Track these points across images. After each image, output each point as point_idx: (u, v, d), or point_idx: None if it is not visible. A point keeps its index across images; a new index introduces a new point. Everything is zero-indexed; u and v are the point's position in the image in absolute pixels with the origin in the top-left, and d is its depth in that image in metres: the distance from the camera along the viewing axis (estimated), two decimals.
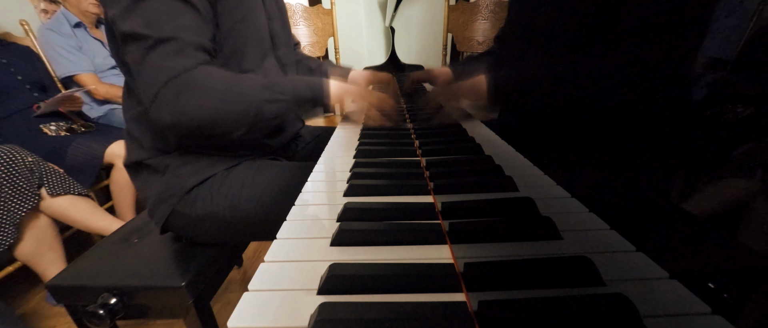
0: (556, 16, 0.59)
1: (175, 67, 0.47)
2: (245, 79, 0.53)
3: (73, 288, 0.59)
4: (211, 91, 0.49)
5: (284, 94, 0.56)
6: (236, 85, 0.51)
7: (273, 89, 0.55)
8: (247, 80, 0.53)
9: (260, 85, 0.54)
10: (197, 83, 0.48)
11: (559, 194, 0.39)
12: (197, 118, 0.49)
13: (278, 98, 0.55)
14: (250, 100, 0.52)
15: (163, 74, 0.47)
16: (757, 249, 0.57)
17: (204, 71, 0.49)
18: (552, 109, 0.63)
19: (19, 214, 0.94)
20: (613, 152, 0.62)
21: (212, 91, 0.49)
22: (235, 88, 0.51)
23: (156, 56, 0.47)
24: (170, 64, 0.47)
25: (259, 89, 0.53)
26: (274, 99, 0.54)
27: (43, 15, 1.58)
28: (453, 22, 1.91)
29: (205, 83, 0.49)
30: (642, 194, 0.61)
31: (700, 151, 1.23)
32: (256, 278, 0.27)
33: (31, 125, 1.26)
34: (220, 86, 0.50)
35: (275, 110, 0.55)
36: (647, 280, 0.25)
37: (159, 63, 0.47)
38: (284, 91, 0.56)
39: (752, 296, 0.54)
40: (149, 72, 0.47)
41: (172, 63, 0.47)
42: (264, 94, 0.53)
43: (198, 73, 0.48)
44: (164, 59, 0.47)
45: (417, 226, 0.32)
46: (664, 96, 0.50)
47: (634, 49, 0.50)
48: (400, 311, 0.23)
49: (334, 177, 0.47)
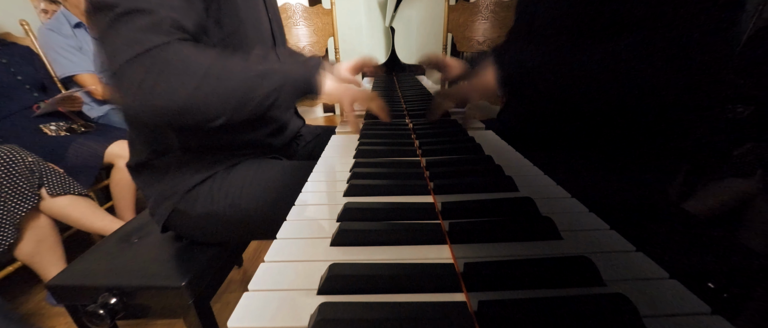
0: (557, 10, 0.59)
1: (144, 41, 0.40)
2: (229, 55, 0.46)
3: (73, 288, 0.59)
4: (188, 67, 0.42)
5: (280, 65, 0.49)
6: (220, 61, 0.44)
7: (264, 59, 0.49)
8: (231, 57, 0.46)
9: (250, 58, 0.48)
10: (170, 61, 0.41)
11: (559, 194, 0.39)
12: (167, 102, 0.41)
13: (273, 71, 0.48)
14: (240, 74, 0.45)
15: (130, 49, 0.39)
16: (757, 249, 0.57)
17: (179, 47, 0.42)
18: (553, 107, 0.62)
19: (19, 214, 0.94)
20: (613, 152, 0.62)
21: (189, 68, 0.42)
22: (219, 64, 0.44)
23: (124, 27, 0.40)
24: (140, 38, 0.40)
25: (247, 63, 0.47)
26: (268, 71, 0.47)
27: (43, 15, 1.59)
28: (453, 22, 1.91)
29: (180, 61, 0.41)
30: (642, 194, 0.61)
31: (700, 151, 1.23)
32: (256, 278, 0.27)
33: (31, 125, 1.26)
34: (202, 61, 0.43)
35: (269, 85, 0.47)
36: (647, 280, 0.25)
37: (126, 35, 0.39)
38: (275, 64, 0.49)
39: (752, 296, 0.54)
40: (113, 45, 0.40)
41: (142, 37, 0.40)
42: (256, 66, 0.47)
43: (173, 49, 0.41)
44: (133, 32, 0.40)
45: (417, 226, 0.32)
46: (664, 96, 0.49)
47: (635, 49, 0.50)
48: (400, 311, 0.23)
49: (334, 177, 0.47)
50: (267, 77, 0.47)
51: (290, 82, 0.50)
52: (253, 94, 0.46)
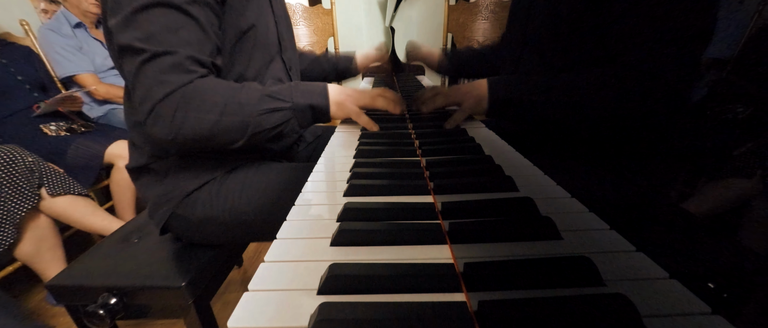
0: (554, 16, 0.59)
1: (171, 82, 0.46)
2: (243, 89, 0.52)
3: (73, 288, 0.59)
4: (209, 104, 0.48)
5: (284, 101, 0.54)
6: (234, 97, 0.50)
7: (272, 97, 0.54)
8: (245, 91, 0.52)
9: (259, 95, 0.53)
10: (194, 97, 0.47)
11: (559, 194, 0.39)
12: (195, 132, 0.48)
13: (278, 107, 0.54)
14: (248, 112, 0.51)
15: (160, 89, 0.46)
16: (757, 249, 0.57)
17: (201, 84, 0.48)
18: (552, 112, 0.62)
19: (19, 214, 0.94)
20: (613, 152, 0.62)
21: (210, 105, 0.48)
22: (233, 100, 0.50)
23: (152, 70, 0.46)
24: (167, 79, 0.46)
25: (258, 100, 0.52)
26: (273, 108, 0.53)
27: (43, 15, 1.58)
28: (453, 22, 1.91)
29: (203, 97, 0.48)
30: (642, 194, 0.61)
31: (700, 151, 1.23)
32: (256, 278, 0.27)
33: (31, 125, 1.26)
34: (219, 99, 0.49)
35: (275, 120, 0.54)
36: (647, 280, 0.25)
37: (155, 77, 0.46)
38: (284, 99, 0.55)
39: (752, 296, 0.54)
40: (145, 86, 0.46)
41: (168, 78, 0.46)
42: (263, 105, 0.52)
43: (195, 87, 0.47)
44: (160, 74, 0.46)
45: (417, 226, 0.32)
46: (664, 96, 0.49)
47: (635, 49, 0.50)
48: (400, 311, 0.23)
49: (334, 177, 0.47)
50: (274, 113, 0.53)
51: (298, 114, 0.56)
52: (262, 127, 0.53)
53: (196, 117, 0.48)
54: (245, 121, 0.51)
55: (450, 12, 1.90)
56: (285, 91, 0.55)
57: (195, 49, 0.48)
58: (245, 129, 0.51)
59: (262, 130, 0.53)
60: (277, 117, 0.54)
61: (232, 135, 0.51)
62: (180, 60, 0.46)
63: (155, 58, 0.45)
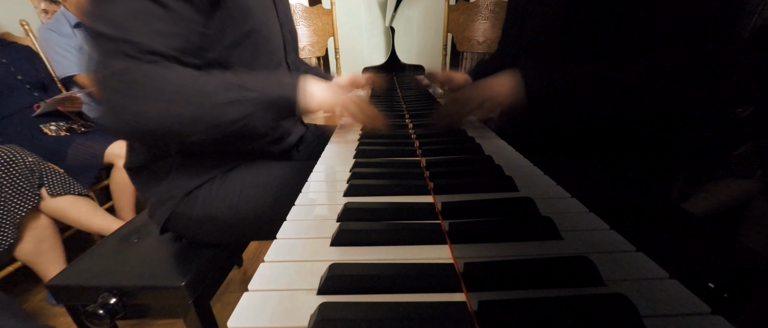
0: (554, 17, 0.59)
1: (108, 65, 0.42)
2: (205, 77, 0.47)
3: (73, 288, 0.59)
4: (156, 91, 0.43)
5: (251, 92, 0.49)
6: (191, 85, 0.46)
7: (239, 86, 0.48)
8: (206, 78, 0.47)
9: (223, 84, 0.48)
10: (136, 81, 0.43)
11: (559, 194, 0.39)
12: (138, 120, 0.43)
13: (242, 97, 0.48)
14: (205, 102, 0.46)
15: (100, 69, 0.42)
16: (757, 249, 0.57)
17: (147, 69, 0.44)
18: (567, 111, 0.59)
19: (19, 214, 0.94)
20: (613, 152, 0.62)
21: (157, 91, 0.44)
22: (189, 88, 0.45)
23: (96, 48, 0.43)
24: (105, 61, 0.42)
25: (220, 88, 0.47)
26: (236, 99, 0.48)
27: (44, 15, 1.58)
28: (453, 22, 1.91)
29: (150, 83, 0.43)
30: (642, 194, 0.61)
31: (700, 151, 1.23)
32: (256, 278, 0.27)
33: (31, 125, 1.26)
34: (169, 86, 0.44)
35: (237, 113, 0.48)
36: (647, 280, 0.25)
37: (101, 58, 0.42)
38: (251, 89, 0.49)
39: (752, 296, 0.54)
40: (91, 67, 0.43)
41: (112, 61, 0.42)
42: (225, 94, 0.47)
43: (139, 70, 0.43)
44: (106, 55, 0.42)
45: (417, 226, 0.32)
46: (663, 96, 0.49)
47: (635, 50, 0.50)
48: (400, 311, 0.23)
49: (334, 177, 0.47)
50: (235, 104, 0.47)
51: (263, 106, 0.50)
52: (220, 120, 0.47)
53: (139, 103, 0.43)
54: (198, 113, 0.46)
55: (450, 12, 1.90)
56: (251, 80, 0.50)
57: (156, 41, 0.44)
58: (198, 121, 0.46)
59: (219, 124, 0.47)
60: (237, 110, 0.48)
61: (185, 127, 0.46)
62: (131, 46, 0.42)
63: (105, 41, 0.42)
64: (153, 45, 0.44)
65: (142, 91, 0.43)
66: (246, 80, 0.50)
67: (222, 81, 0.48)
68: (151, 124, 0.44)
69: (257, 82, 0.50)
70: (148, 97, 0.43)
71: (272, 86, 0.51)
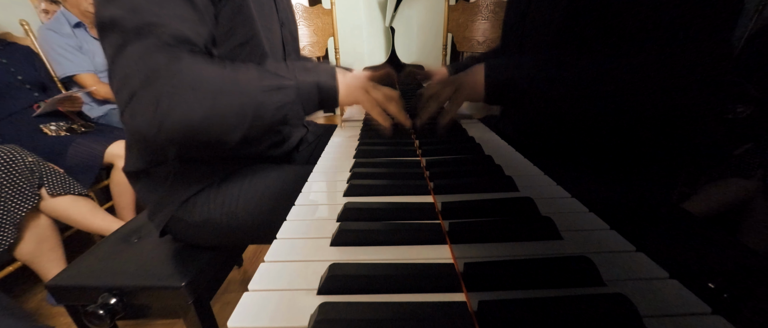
0: (555, 14, 0.59)
1: (155, 62, 0.38)
2: (240, 67, 0.45)
3: (73, 288, 0.59)
4: (203, 85, 0.40)
5: (288, 78, 0.47)
6: (231, 75, 0.43)
7: (274, 73, 0.47)
8: (242, 69, 0.45)
9: (257, 72, 0.46)
10: (184, 78, 0.39)
11: (559, 194, 0.39)
12: (185, 122, 0.40)
13: (281, 85, 0.46)
14: (249, 91, 0.43)
15: (141, 72, 0.38)
16: (757, 249, 0.57)
17: (192, 63, 0.40)
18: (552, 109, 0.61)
19: (19, 214, 0.94)
20: (613, 152, 0.62)
21: (203, 85, 0.40)
22: (230, 78, 0.43)
23: (133, 49, 0.38)
24: (150, 59, 0.38)
25: (257, 76, 0.45)
26: (276, 86, 0.46)
27: (44, 15, 1.58)
28: (453, 22, 1.91)
29: (195, 76, 0.40)
30: (642, 194, 0.61)
31: (700, 151, 1.23)
32: (256, 278, 0.27)
33: (31, 125, 1.26)
34: (213, 78, 0.41)
35: (279, 100, 0.46)
36: (647, 280, 0.25)
37: (136, 57, 0.38)
38: (287, 76, 0.48)
39: (752, 296, 0.54)
40: (123, 68, 0.38)
41: (152, 57, 0.38)
42: (264, 81, 0.45)
43: (185, 67, 0.39)
44: (143, 52, 0.38)
45: (417, 226, 0.32)
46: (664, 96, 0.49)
47: (636, 49, 0.50)
48: (400, 311, 0.23)
49: (334, 177, 0.47)
50: (276, 92, 0.46)
51: (303, 93, 0.49)
52: (265, 110, 0.45)
53: (187, 101, 0.39)
54: (245, 103, 0.43)
55: (450, 12, 1.90)
56: (285, 68, 0.49)
57: (186, 26, 0.41)
58: (245, 113, 0.43)
59: (264, 113, 0.45)
60: (280, 97, 0.46)
61: (230, 122, 0.43)
62: (167, 36, 0.39)
63: (138, 35, 0.38)
64: (181, 30, 0.40)
65: (190, 86, 0.39)
66: (279, 69, 0.48)
67: (257, 70, 0.46)
68: (198, 120, 0.40)
69: (293, 71, 0.49)
70: (196, 92, 0.40)
71: (308, 74, 0.50)
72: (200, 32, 0.44)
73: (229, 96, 0.42)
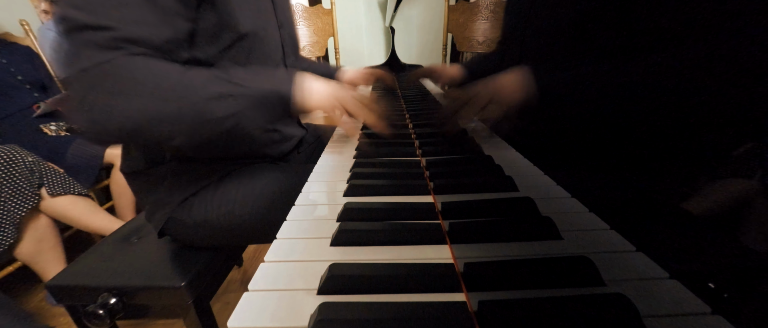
0: (561, 13, 0.59)
1: (90, 57, 0.37)
2: (190, 70, 0.43)
3: (73, 288, 0.59)
4: (134, 83, 0.39)
5: (241, 86, 0.44)
6: (174, 77, 0.41)
7: (226, 80, 0.43)
8: (192, 72, 0.43)
9: (209, 76, 0.43)
10: (116, 75, 0.38)
11: (559, 194, 0.39)
12: (113, 118, 0.38)
13: (231, 92, 0.43)
14: (188, 95, 0.41)
15: (76, 63, 0.37)
16: (757, 249, 0.57)
17: (130, 61, 0.39)
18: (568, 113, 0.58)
19: (19, 214, 0.94)
20: (613, 152, 0.62)
21: (136, 85, 0.39)
22: (171, 81, 0.40)
23: (73, 42, 0.38)
24: (87, 54, 0.37)
25: (206, 81, 0.42)
26: (225, 93, 0.43)
27: (44, 15, 1.58)
28: (453, 22, 1.91)
29: (128, 75, 0.38)
30: (642, 194, 0.61)
31: (700, 152, 1.23)
32: (256, 278, 0.27)
33: (31, 125, 1.26)
34: (151, 78, 0.39)
35: (225, 110, 0.43)
36: (647, 280, 0.25)
37: (75, 48, 0.38)
38: (241, 83, 0.44)
39: (752, 296, 0.54)
40: (62, 59, 0.38)
41: (89, 53, 0.37)
42: (212, 87, 0.42)
43: (120, 64, 0.38)
44: (81, 47, 0.37)
45: (417, 226, 0.32)
46: (664, 96, 0.49)
47: (637, 50, 0.50)
48: (400, 311, 0.23)
49: (334, 177, 0.47)
50: (222, 100, 0.43)
51: (254, 103, 0.45)
52: (205, 118, 0.42)
53: (115, 99, 0.38)
54: (182, 109, 0.40)
55: (450, 12, 1.90)
56: (240, 74, 0.46)
57: (139, 31, 0.40)
58: (182, 119, 0.41)
59: (206, 121, 0.42)
60: (226, 105, 0.43)
61: (166, 126, 0.41)
62: (111, 38, 0.38)
63: (81, 30, 0.37)
64: (134, 34, 0.40)
65: (119, 85, 0.38)
66: (234, 75, 0.45)
67: (208, 74, 0.44)
68: (128, 124, 0.39)
69: (247, 77, 0.46)
70: (125, 91, 0.38)
71: (263, 81, 0.47)
72: (159, 34, 0.42)
73: (163, 101, 0.40)
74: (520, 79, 0.52)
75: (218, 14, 0.50)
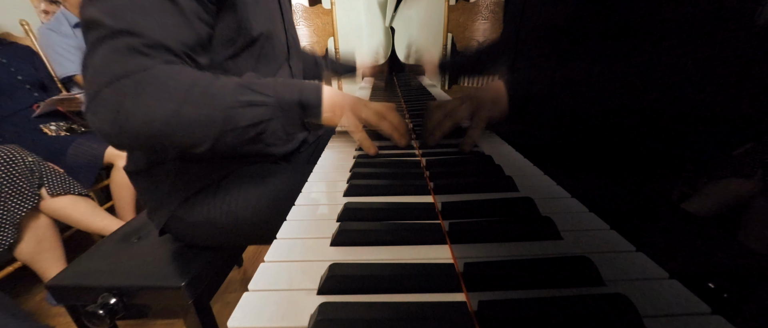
0: (558, 15, 0.59)
1: (125, 64, 0.38)
2: (217, 78, 0.44)
3: (73, 288, 0.59)
4: (168, 91, 0.39)
5: (265, 94, 0.45)
6: (203, 84, 0.42)
7: (251, 88, 0.45)
8: (218, 80, 0.44)
9: (234, 84, 0.44)
10: (151, 83, 0.39)
11: (559, 194, 0.39)
12: (146, 125, 0.39)
13: (257, 101, 0.44)
14: (219, 103, 0.42)
15: (109, 72, 0.38)
16: (757, 249, 0.57)
17: (162, 69, 0.40)
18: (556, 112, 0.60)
19: (19, 214, 0.94)
20: (613, 152, 0.62)
21: (169, 92, 0.39)
22: (201, 87, 0.41)
23: (105, 49, 0.38)
24: (120, 61, 0.38)
25: (233, 89, 0.43)
26: (251, 101, 0.44)
27: (44, 15, 1.59)
28: (453, 22, 1.91)
29: (162, 82, 0.39)
30: (642, 194, 0.61)
31: (700, 152, 1.23)
32: (256, 278, 0.27)
33: (31, 125, 1.26)
34: (182, 85, 0.40)
35: (251, 117, 0.44)
36: (647, 280, 0.25)
37: (106, 57, 0.38)
38: (265, 92, 0.45)
39: (752, 296, 0.54)
40: (93, 67, 0.39)
41: (122, 59, 0.38)
42: (238, 95, 0.43)
43: (154, 73, 0.39)
44: (114, 54, 0.38)
45: (417, 226, 0.32)
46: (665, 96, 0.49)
47: (636, 50, 0.50)
48: (400, 311, 0.23)
49: (334, 177, 0.47)
50: (252, 107, 0.44)
51: (281, 111, 0.47)
52: (235, 125, 0.43)
53: (149, 105, 0.39)
54: (212, 115, 0.42)
55: (450, 12, 1.90)
56: (267, 84, 0.47)
57: (166, 36, 0.41)
58: (212, 125, 0.42)
59: (234, 128, 0.43)
60: (254, 113, 0.44)
61: (195, 132, 0.42)
62: (142, 44, 0.39)
63: (113, 37, 0.38)
64: (166, 42, 0.41)
65: (155, 91, 0.39)
66: (263, 84, 0.46)
67: (232, 81, 0.45)
68: (157, 130, 0.40)
69: (276, 87, 0.47)
70: (160, 97, 0.39)
71: (292, 91, 0.48)
72: (184, 39, 0.43)
73: (196, 106, 0.41)
74: (500, 89, 0.53)
75: (237, 18, 0.51)
